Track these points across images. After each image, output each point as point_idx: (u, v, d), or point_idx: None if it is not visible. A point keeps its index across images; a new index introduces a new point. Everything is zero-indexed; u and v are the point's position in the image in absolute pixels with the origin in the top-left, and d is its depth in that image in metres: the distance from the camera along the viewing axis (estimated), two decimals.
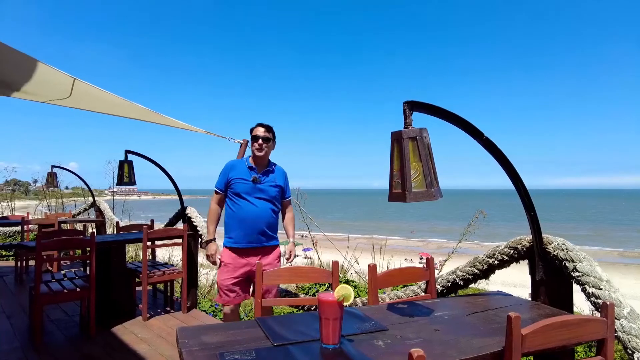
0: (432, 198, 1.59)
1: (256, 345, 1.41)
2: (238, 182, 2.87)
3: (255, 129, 2.95)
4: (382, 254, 5.96)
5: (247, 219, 2.82)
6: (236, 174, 2.89)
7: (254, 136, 2.91)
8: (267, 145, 2.92)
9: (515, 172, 1.95)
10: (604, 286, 1.82)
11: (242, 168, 2.92)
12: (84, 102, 3.87)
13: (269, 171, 2.95)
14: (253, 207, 2.83)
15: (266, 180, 2.91)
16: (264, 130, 2.92)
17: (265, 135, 2.91)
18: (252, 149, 2.92)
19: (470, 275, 2.57)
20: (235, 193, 2.87)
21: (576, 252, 1.99)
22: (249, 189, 2.85)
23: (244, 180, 2.86)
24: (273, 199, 2.93)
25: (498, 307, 1.93)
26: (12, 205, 9.55)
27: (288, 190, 3.11)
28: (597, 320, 1.48)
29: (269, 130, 2.94)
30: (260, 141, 2.88)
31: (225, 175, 2.93)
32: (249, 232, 2.83)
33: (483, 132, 1.85)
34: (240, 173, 2.89)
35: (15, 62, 2.83)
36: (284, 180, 3.04)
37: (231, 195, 2.90)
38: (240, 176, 2.88)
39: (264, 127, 2.93)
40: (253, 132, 2.93)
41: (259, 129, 2.93)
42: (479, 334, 1.56)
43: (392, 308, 1.90)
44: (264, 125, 2.94)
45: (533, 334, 1.34)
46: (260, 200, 2.86)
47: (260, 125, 2.95)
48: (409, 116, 1.66)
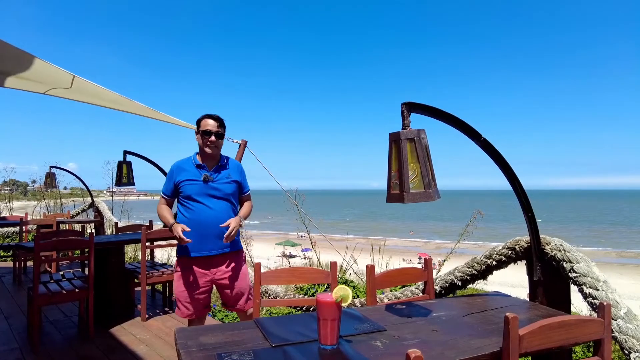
0: (430, 199, 1.60)
1: (254, 346, 1.41)
2: (187, 184, 2.54)
3: (204, 121, 2.57)
4: (381, 254, 5.97)
5: (203, 223, 2.48)
6: (184, 176, 2.55)
7: (205, 131, 2.53)
8: (219, 141, 2.58)
9: (512, 173, 1.96)
10: (600, 287, 1.83)
11: (190, 168, 2.58)
12: (84, 95, 3.86)
13: (221, 167, 2.61)
14: (208, 209, 2.50)
15: (219, 178, 2.58)
16: (216, 125, 2.56)
17: (219, 131, 2.57)
18: (201, 145, 2.57)
19: (469, 276, 2.58)
20: (186, 197, 2.54)
21: (573, 252, 2.00)
22: (200, 189, 2.52)
23: (194, 181, 2.53)
24: (230, 197, 2.60)
25: (496, 307, 1.93)
26: (11, 206, 9.54)
27: (246, 184, 2.77)
28: (594, 321, 1.49)
29: (221, 124, 2.60)
30: (212, 137, 2.52)
31: (171, 179, 2.59)
32: (206, 239, 2.50)
33: (481, 134, 1.86)
34: (189, 174, 2.55)
35: (13, 57, 2.83)
36: (240, 174, 2.70)
37: (182, 199, 2.58)
38: (189, 177, 2.54)
39: (216, 120, 2.57)
40: (202, 126, 2.56)
41: (208, 121, 2.56)
42: (476, 335, 1.57)
43: (390, 309, 1.91)
44: (214, 118, 2.58)
45: (530, 334, 1.35)
46: (215, 200, 2.54)
47: (209, 118, 2.58)
48: (407, 117, 1.67)
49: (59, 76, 3.28)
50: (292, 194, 5.73)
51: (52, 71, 3.12)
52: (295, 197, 5.99)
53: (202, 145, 2.54)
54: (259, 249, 9.49)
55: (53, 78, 3.36)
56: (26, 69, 3.06)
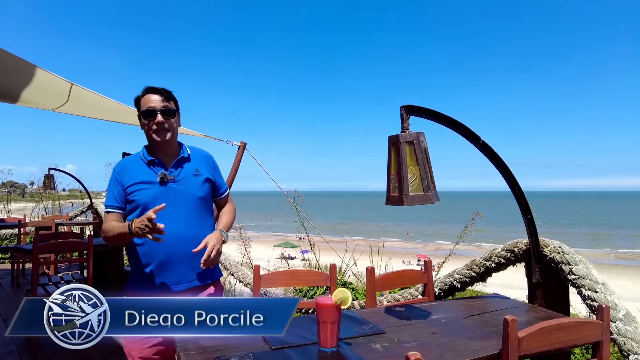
0: (430, 201, 1.61)
1: (254, 348, 1.41)
2: (137, 188, 1.75)
3: (144, 98, 1.79)
4: (380, 256, 5.97)
5: (166, 245, 1.66)
6: (133, 178, 1.77)
7: (146, 111, 1.76)
8: (170, 121, 1.79)
9: (511, 176, 1.96)
10: (599, 289, 1.84)
11: (139, 167, 1.80)
12: (81, 108, 3.89)
13: (183, 160, 1.84)
14: (172, 223, 1.66)
15: (183, 175, 1.81)
16: (160, 99, 1.77)
17: (166, 106, 1.78)
18: (146, 132, 1.81)
19: (468, 278, 2.58)
20: (136, 207, 1.76)
21: (572, 254, 2.01)
22: (157, 194, 1.73)
23: (146, 183, 1.75)
24: (201, 202, 1.83)
25: (495, 309, 1.94)
26: (9, 208, 9.51)
27: (222, 182, 1.99)
28: (593, 323, 1.49)
29: (168, 98, 1.80)
30: (159, 117, 1.75)
31: (116, 185, 1.79)
32: (170, 267, 1.73)
33: (479, 136, 1.87)
34: (138, 174, 1.77)
35: (13, 68, 2.85)
36: (212, 168, 1.92)
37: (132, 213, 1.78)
38: (140, 179, 1.76)
39: (160, 94, 1.79)
40: (142, 105, 1.78)
41: (150, 97, 1.77)
42: (476, 337, 1.57)
43: (389, 311, 1.91)
44: (158, 91, 1.79)
45: (530, 336, 1.35)
46: (180, 209, 1.76)
47: (151, 92, 1.79)
48: (406, 120, 1.68)
49: (56, 90, 3.30)
50: (291, 196, 5.73)
51: (50, 83, 3.14)
52: (294, 199, 5.99)
53: (148, 131, 1.79)
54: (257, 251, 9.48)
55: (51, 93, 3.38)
56: (26, 82, 3.07)
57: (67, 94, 3.36)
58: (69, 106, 3.68)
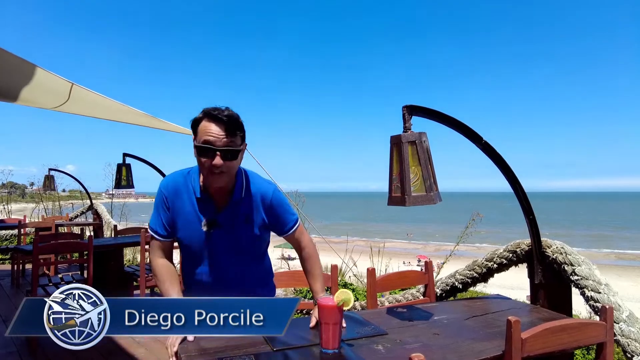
0: (432, 202, 1.60)
1: (256, 350, 1.40)
2: (185, 228, 1.58)
3: (203, 125, 1.44)
4: (380, 256, 5.96)
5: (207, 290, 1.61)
6: (181, 213, 1.57)
7: (202, 147, 1.43)
8: (232, 163, 1.46)
9: (513, 176, 1.96)
10: (602, 290, 1.83)
11: (189, 199, 1.57)
12: (82, 107, 3.89)
13: (235, 203, 1.57)
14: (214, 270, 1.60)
15: (232, 221, 1.57)
16: (223, 133, 1.42)
17: (228, 143, 1.43)
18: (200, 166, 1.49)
19: (469, 279, 2.57)
20: (182, 247, 1.64)
21: (575, 255, 2.00)
22: (202, 242, 1.58)
23: (193, 224, 1.57)
24: (249, 247, 1.64)
25: (497, 310, 1.93)
26: (9, 209, 9.50)
27: (286, 217, 1.67)
28: (596, 324, 1.48)
29: (233, 131, 1.44)
30: (217, 160, 1.42)
31: (164, 210, 1.59)
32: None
33: (482, 137, 1.86)
34: (188, 210, 1.56)
35: (13, 67, 2.84)
36: (267, 209, 1.62)
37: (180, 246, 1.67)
38: (188, 218, 1.57)
39: (223, 124, 1.41)
40: (199, 134, 1.44)
41: (210, 127, 1.42)
42: (478, 338, 1.56)
43: (391, 312, 1.90)
44: (221, 120, 1.41)
45: (533, 337, 1.35)
46: (225, 255, 1.60)
47: (213, 120, 1.42)
48: (408, 120, 1.67)
49: (57, 89, 3.30)
50: (292, 196, 5.72)
51: (50, 82, 3.14)
52: (296, 200, 5.99)
53: (202, 171, 1.49)
54: None
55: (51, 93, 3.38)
56: (26, 81, 3.07)
57: (67, 93, 3.36)
58: (69, 105, 3.68)
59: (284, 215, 1.66)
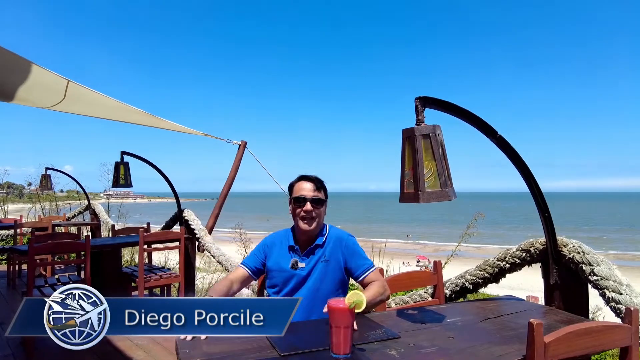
0: (447, 198, 1.52)
1: (262, 355, 1.32)
2: (276, 274, 1.97)
3: (298, 185, 1.98)
4: (381, 257, 5.88)
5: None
6: (275, 261, 1.97)
7: (297, 197, 1.94)
8: (319, 210, 1.94)
9: (528, 172, 1.88)
10: (624, 290, 1.75)
11: (283, 249, 2.00)
12: (78, 106, 3.81)
13: (317, 247, 1.96)
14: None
15: (312, 262, 1.94)
16: (312, 188, 1.95)
17: (316, 195, 1.94)
18: (294, 217, 1.98)
19: (480, 279, 2.49)
20: (271, 286, 1.99)
21: (593, 255, 1.92)
22: (287, 279, 1.93)
23: (282, 269, 1.95)
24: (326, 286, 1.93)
25: (511, 312, 1.86)
26: (5, 209, 9.39)
27: (358, 263, 1.95)
28: (621, 327, 1.41)
29: (319, 187, 1.97)
30: (308, 205, 1.91)
31: (261, 253, 2.02)
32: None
33: (496, 130, 1.79)
34: (280, 259, 1.97)
35: (7, 64, 2.76)
36: (341, 249, 1.96)
37: (268, 288, 2.03)
38: (278, 266, 1.96)
39: (312, 183, 1.96)
40: (295, 191, 1.97)
41: (303, 185, 1.96)
42: (496, 342, 1.49)
43: (401, 314, 1.83)
44: (310, 180, 1.97)
45: (557, 341, 1.27)
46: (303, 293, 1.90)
47: (305, 180, 1.98)
48: (421, 112, 1.59)
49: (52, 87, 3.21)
50: None
51: (46, 79, 3.06)
52: None
53: (295, 217, 1.96)
54: None
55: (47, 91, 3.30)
56: (22, 79, 2.99)
57: (63, 91, 3.27)
58: (66, 104, 3.59)
59: (357, 261, 1.95)
